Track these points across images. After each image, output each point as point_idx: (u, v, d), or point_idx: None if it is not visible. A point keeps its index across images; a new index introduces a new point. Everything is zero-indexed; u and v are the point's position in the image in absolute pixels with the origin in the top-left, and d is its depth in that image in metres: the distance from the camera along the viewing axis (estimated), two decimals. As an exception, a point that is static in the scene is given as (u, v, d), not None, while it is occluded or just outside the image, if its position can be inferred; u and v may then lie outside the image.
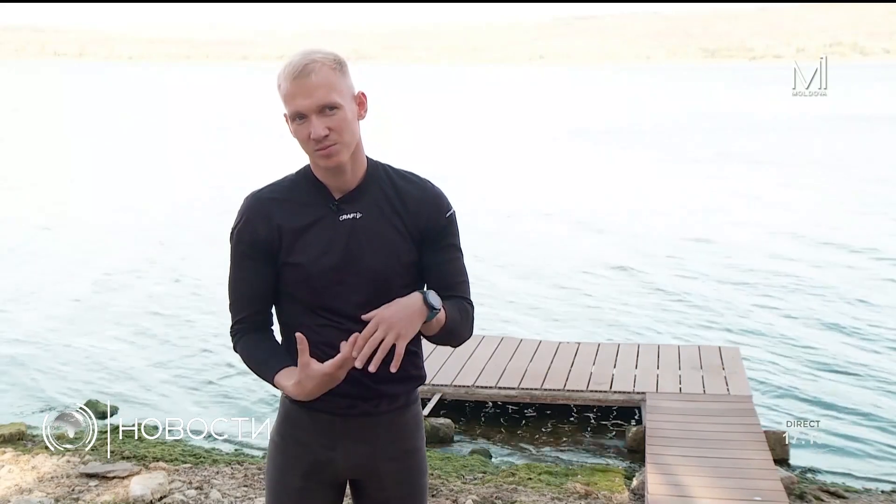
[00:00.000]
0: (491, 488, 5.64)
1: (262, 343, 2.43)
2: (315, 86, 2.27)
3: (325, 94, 2.28)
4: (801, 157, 27.68)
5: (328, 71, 2.30)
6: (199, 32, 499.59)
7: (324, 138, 2.28)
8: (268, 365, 2.39)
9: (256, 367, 2.42)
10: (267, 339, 2.45)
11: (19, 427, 6.60)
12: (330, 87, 2.29)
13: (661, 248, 14.59)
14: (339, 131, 2.30)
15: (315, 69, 2.28)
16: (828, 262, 13.64)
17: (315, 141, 2.29)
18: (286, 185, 2.42)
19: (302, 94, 2.27)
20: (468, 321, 2.45)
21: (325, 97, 2.28)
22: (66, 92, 76.22)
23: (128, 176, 23.07)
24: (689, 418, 6.75)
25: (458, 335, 2.43)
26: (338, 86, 2.31)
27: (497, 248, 14.30)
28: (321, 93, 2.27)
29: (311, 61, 2.29)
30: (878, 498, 6.02)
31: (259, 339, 2.43)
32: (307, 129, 2.29)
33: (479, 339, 8.64)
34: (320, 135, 2.28)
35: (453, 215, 2.45)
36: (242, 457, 6.36)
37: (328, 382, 2.26)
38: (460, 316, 2.41)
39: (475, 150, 30.06)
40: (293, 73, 2.29)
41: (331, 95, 2.28)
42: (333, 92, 2.29)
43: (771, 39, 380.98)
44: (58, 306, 11.16)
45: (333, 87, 2.29)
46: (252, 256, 2.38)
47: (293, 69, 2.29)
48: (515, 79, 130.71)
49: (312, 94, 2.27)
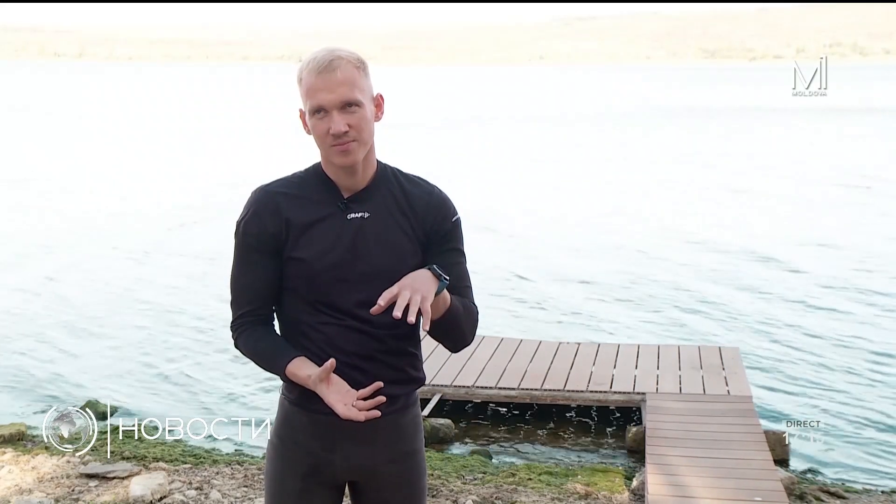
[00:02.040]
0: (491, 488, 5.64)
1: (266, 335, 2.43)
2: (339, 81, 2.29)
3: (349, 91, 2.29)
4: (801, 156, 27.70)
5: (352, 69, 2.31)
6: (200, 32, 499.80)
7: (343, 134, 2.29)
8: (277, 354, 2.38)
9: (263, 357, 2.41)
10: (270, 332, 2.45)
11: (19, 427, 6.61)
12: (353, 85, 2.30)
13: (660, 248, 14.59)
14: (359, 129, 2.31)
15: (340, 65, 2.29)
16: (828, 261, 13.63)
17: (334, 136, 2.29)
18: (295, 181, 2.42)
19: (326, 88, 2.28)
20: (471, 319, 2.45)
21: (349, 94, 2.29)
22: (66, 92, 76.21)
23: (128, 175, 23.06)
24: (689, 418, 6.75)
25: (461, 330, 2.43)
26: (360, 84, 2.32)
27: (497, 248, 14.31)
28: (344, 89, 2.29)
29: (336, 57, 2.30)
30: (878, 498, 6.02)
31: (263, 332, 2.43)
32: (327, 123, 2.30)
33: (480, 339, 8.64)
34: (340, 130, 2.28)
35: (458, 220, 2.47)
36: (242, 457, 6.36)
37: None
38: (464, 309, 2.42)
39: (471, 150, 30.05)
40: (318, 68, 2.29)
41: (353, 92, 2.30)
42: (356, 89, 2.31)
43: (771, 40, 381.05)
44: (58, 306, 11.16)
45: (356, 85, 2.31)
46: (258, 249, 2.37)
47: (318, 64, 2.30)
48: (515, 79, 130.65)
49: (336, 90, 2.28)
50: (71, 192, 20.42)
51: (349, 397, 2.27)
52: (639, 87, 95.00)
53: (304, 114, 2.36)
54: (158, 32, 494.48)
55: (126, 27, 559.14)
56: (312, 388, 2.30)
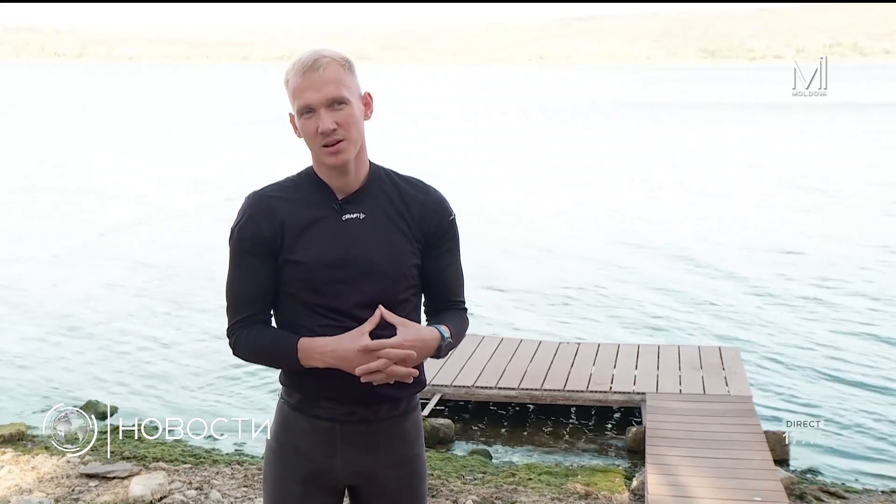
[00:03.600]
0: (491, 488, 5.64)
1: (266, 330, 2.41)
2: (325, 80, 2.29)
3: (335, 89, 2.30)
4: (800, 156, 27.70)
5: (337, 67, 2.32)
6: (200, 32, 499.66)
7: (332, 132, 2.29)
8: (282, 338, 2.37)
9: (268, 349, 2.39)
10: (270, 328, 2.43)
11: (19, 427, 6.61)
12: (339, 83, 2.31)
13: (660, 248, 14.59)
14: (347, 127, 2.31)
15: (325, 64, 2.30)
16: (828, 261, 13.63)
17: (323, 135, 2.29)
18: (288, 185, 2.42)
19: (312, 87, 2.29)
20: (463, 335, 2.52)
21: (335, 91, 2.29)
22: (68, 92, 76.21)
23: (130, 175, 23.06)
24: (689, 418, 6.75)
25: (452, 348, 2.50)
26: (346, 82, 2.33)
27: (496, 248, 14.31)
28: (330, 87, 2.29)
29: (320, 56, 2.31)
30: (878, 498, 6.02)
31: (262, 328, 2.41)
32: (315, 122, 2.30)
33: (480, 339, 8.65)
34: (328, 128, 2.29)
35: (455, 220, 2.48)
36: (242, 457, 6.37)
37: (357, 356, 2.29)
38: (458, 338, 2.48)
39: (468, 150, 30.03)
40: (303, 68, 2.30)
41: (340, 90, 2.30)
42: (342, 87, 2.31)
43: (771, 40, 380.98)
44: (58, 306, 11.16)
45: (342, 83, 2.31)
46: (254, 254, 2.36)
47: (303, 64, 2.31)
48: (515, 79, 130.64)
49: (322, 89, 2.29)
50: (72, 189, 20.42)
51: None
52: (632, 85, 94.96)
53: (293, 117, 2.36)
54: (158, 32, 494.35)
55: (126, 27, 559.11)
56: (330, 357, 2.30)
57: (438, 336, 2.37)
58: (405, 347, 2.28)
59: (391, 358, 2.27)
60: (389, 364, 2.28)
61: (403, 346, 2.29)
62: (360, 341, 2.28)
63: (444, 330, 2.39)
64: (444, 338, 2.38)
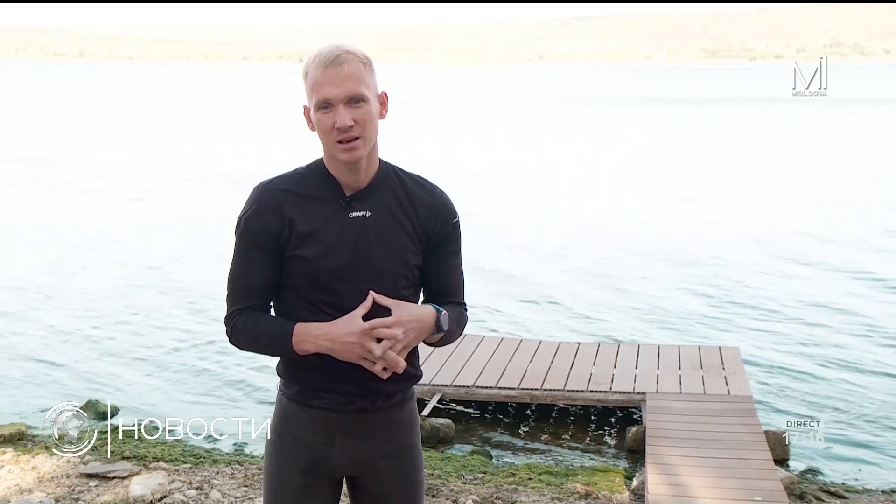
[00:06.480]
0: (491, 488, 5.64)
1: (265, 316, 2.42)
2: (346, 76, 2.30)
3: (355, 86, 2.30)
4: (800, 154, 27.71)
5: (359, 64, 2.32)
6: (200, 32, 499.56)
7: (349, 129, 2.29)
8: (279, 323, 2.38)
9: (265, 333, 2.39)
10: (268, 315, 2.44)
11: (19, 427, 6.60)
12: (359, 80, 2.31)
13: (660, 248, 14.58)
14: (364, 125, 2.31)
15: (347, 60, 2.30)
16: (828, 261, 13.63)
17: (339, 130, 2.30)
18: (297, 177, 2.42)
19: (332, 82, 2.29)
20: (461, 328, 2.54)
21: (355, 88, 2.30)
22: (68, 92, 76.21)
23: (130, 175, 23.05)
24: (689, 418, 6.75)
25: (449, 342, 2.52)
26: (367, 80, 2.33)
27: (496, 248, 14.30)
28: (351, 84, 2.30)
29: (343, 52, 2.31)
30: (878, 498, 6.02)
31: (261, 314, 2.42)
32: (332, 117, 2.30)
33: (479, 339, 8.65)
34: (346, 124, 2.29)
35: (458, 223, 2.50)
36: (242, 457, 6.37)
37: (356, 340, 2.30)
38: (458, 326, 2.50)
39: (466, 150, 30.05)
40: (325, 62, 2.30)
41: (360, 87, 2.31)
42: (362, 84, 2.31)
43: (771, 40, 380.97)
44: (58, 305, 11.15)
45: (363, 80, 2.32)
46: (259, 246, 2.37)
47: (325, 58, 2.30)
48: (514, 79, 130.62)
49: (342, 84, 2.29)
50: (65, 192, 20.42)
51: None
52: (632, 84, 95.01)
53: (307, 110, 2.37)
54: (158, 32, 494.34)
55: (126, 27, 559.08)
56: (323, 340, 2.31)
57: (434, 311, 2.38)
58: (403, 324, 2.31)
59: (389, 337, 2.29)
60: (388, 348, 2.29)
61: (401, 321, 2.31)
62: (356, 325, 2.29)
63: (439, 307, 2.42)
64: (440, 311, 2.39)
